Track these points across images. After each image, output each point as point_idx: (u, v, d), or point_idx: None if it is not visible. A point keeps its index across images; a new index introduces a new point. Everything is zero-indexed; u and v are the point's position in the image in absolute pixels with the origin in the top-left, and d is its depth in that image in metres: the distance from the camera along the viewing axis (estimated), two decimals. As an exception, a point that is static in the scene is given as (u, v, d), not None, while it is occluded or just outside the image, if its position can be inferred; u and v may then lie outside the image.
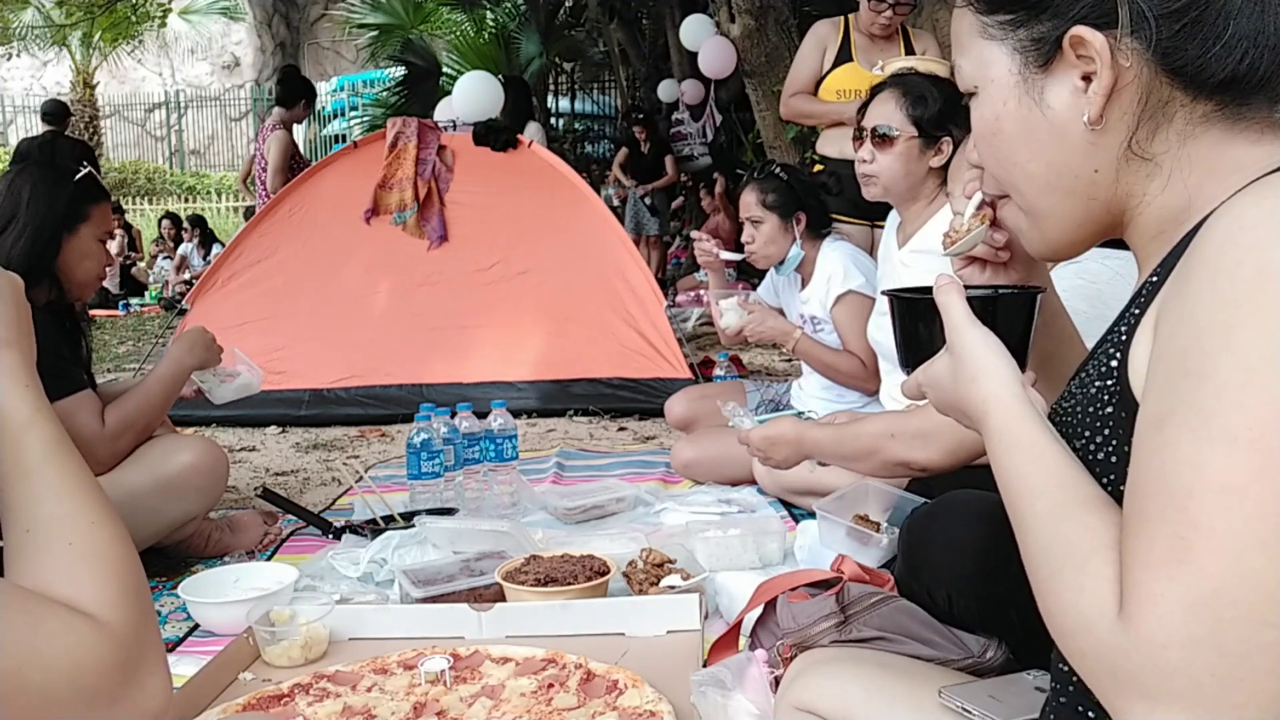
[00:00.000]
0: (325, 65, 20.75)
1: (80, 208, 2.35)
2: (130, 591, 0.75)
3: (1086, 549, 0.75)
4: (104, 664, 0.70)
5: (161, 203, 17.43)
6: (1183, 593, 0.66)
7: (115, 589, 0.74)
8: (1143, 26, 0.80)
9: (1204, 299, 0.71)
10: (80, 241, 2.35)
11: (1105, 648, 0.71)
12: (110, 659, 0.70)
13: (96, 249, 2.39)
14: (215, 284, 4.56)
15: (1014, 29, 0.87)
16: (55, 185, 2.32)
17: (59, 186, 2.33)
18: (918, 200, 2.44)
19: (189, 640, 2.05)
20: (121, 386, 2.52)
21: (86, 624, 0.70)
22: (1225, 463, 0.67)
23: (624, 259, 4.41)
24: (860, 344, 2.81)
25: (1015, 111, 0.88)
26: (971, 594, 1.39)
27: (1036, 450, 0.83)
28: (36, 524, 0.76)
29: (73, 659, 0.68)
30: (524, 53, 10.34)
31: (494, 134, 4.72)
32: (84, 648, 0.69)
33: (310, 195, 4.68)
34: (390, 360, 4.23)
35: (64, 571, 0.73)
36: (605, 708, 1.52)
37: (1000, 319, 0.98)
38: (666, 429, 3.55)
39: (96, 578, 0.74)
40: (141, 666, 0.72)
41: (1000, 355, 0.91)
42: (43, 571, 0.73)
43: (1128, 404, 0.80)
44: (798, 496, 2.72)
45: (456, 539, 2.30)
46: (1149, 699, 0.68)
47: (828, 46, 3.85)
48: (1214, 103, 0.81)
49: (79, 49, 17.26)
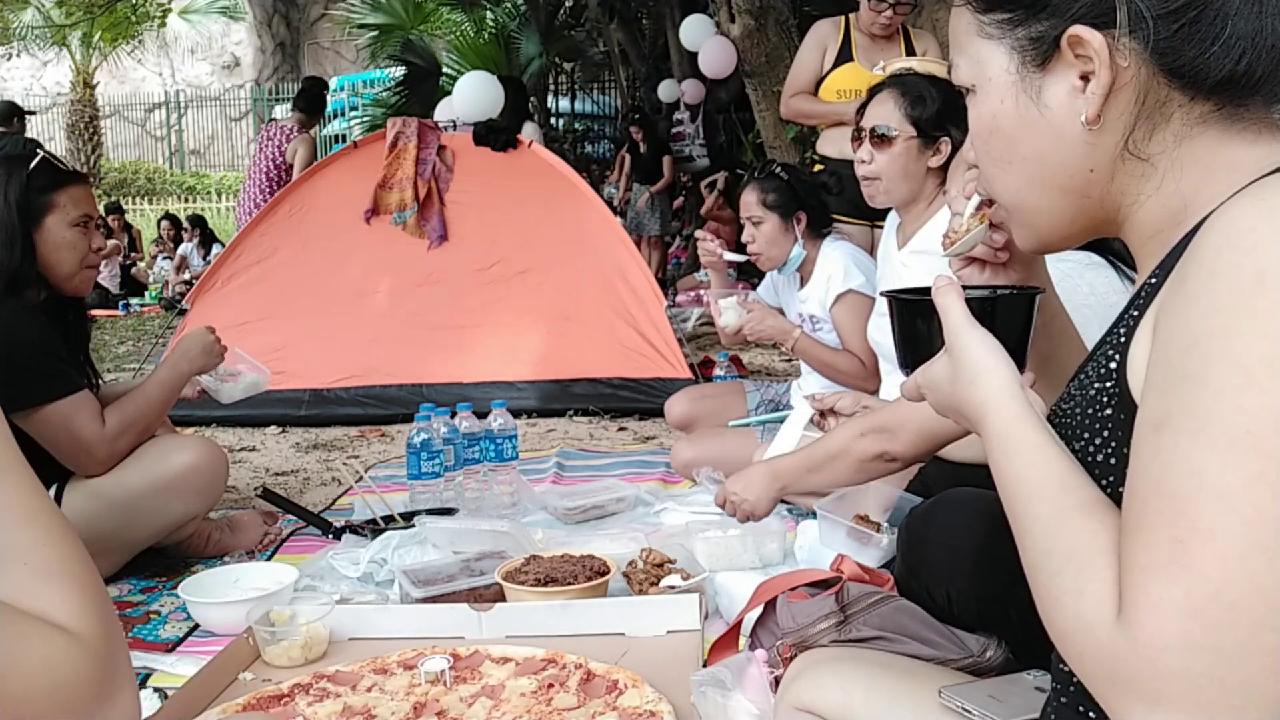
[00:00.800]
0: (325, 65, 20.74)
1: (39, 199, 2.25)
2: (96, 604, 0.74)
3: (1086, 552, 0.75)
4: (81, 676, 0.69)
5: (161, 203, 17.44)
6: (1182, 596, 0.66)
7: (82, 602, 0.73)
8: (1141, 26, 0.80)
9: (1202, 302, 0.71)
10: (50, 233, 2.26)
11: (1104, 651, 0.70)
12: (86, 671, 0.70)
13: (72, 236, 2.28)
14: (215, 284, 4.56)
15: (1011, 28, 0.87)
16: (6, 185, 2.23)
17: (9, 185, 2.23)
18: (917, 201, 2.44)
19: (189, 640, 2.05)
20: (122, 388, 2.52)
21: (63, 636, 0.70)
22: (1224, 466, 0.67)
23: (624, 259, 4.41)
24: (860, 343, 2.81)
25: (1012, 110, 0.88)
26: (971, 593, 1.39)
27: (1036, 452, 0.83)
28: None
29: (51, 671, 0.67)
30: (524, 53, 10.34)
31: (494, 134, 4.72)
32: (61, 660, 0.68)
33: (310, 195, 4.68)
34: (390, 360, 4.23)
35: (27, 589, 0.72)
36: (605, 708, 1.52)
37: (999, 320, 0.98)
38: (666, 429, 3.55)
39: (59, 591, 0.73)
40: (115, 681, 0.72)
41: (999, 357, 0.91)
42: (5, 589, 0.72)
43: (1126, 406, 0.80)
44: (798, 497, 2.71)
45: (456, 539, 2.30)
46: (1148, 702, 0.68)
47: (828, 46, 3.85)
48: (1212, 103, 0.81)
49: (79, 49, 17.27)
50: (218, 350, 2.50)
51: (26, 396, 2.16)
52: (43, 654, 0.68)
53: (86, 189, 2.39)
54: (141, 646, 2.01)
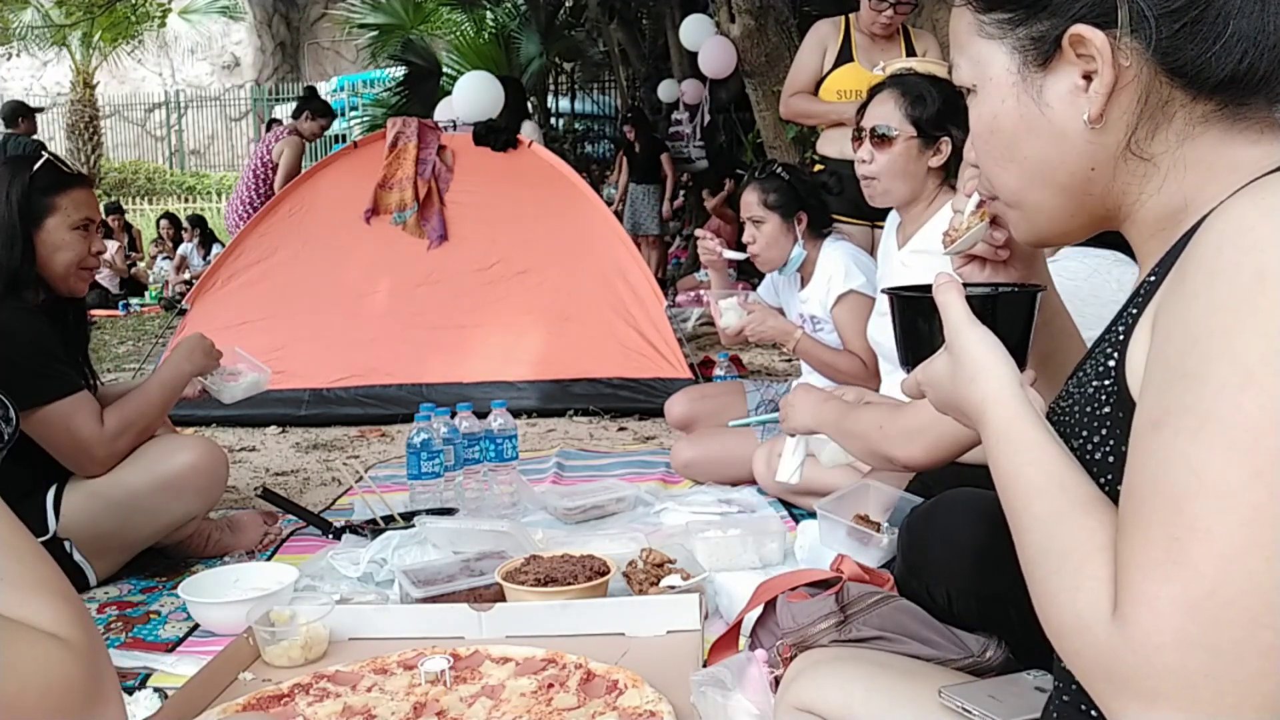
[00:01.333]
0: (325, 65, 20.77)
1: (40, 201, 2.27)
2: (81, 616, 0.75)
3: (1083, 550, 0.75)
4: (72, 681, 0.70)
5: (161, 203, 17.44)
6: (1178, 594, 0.66)
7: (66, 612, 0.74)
8: (1142, 26, 0.80)
9: (1201, 300, 0.71)
10: (50, 235, 2.28)
11: (1100, 648, 0.70)
12: (78, 675, 0.70)
13: (71, 238, 2.30)
14: (215, 284, 4.56)
15: (1012, 27, 0.87)
16: (9, 186, 2.25)
17: (11, 186, 2.25)
18: (917, 201, 2.44)
19: (189, 640, 2.04)
20: (122, 387, 2.52)
21: (53, 641, 0.71)
22: (1222, 464, 0.67)
23: (624, 259, 4.41)
24: (861, 344, 2.81)
25: (1014, 110, 0.88)
26: (971, 593, 1.39)
27: (1035, 450, 0.83)
28: None
29: (44, 677, 0.68)
30: (524, 53, 10.33)
31: (494, 134, 4.72)
32: (54, 665, 0.69)
33: (310, 195, 4.68)
34: (390, 360, 4.23)
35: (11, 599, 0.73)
36: (605, 708, 1.52)
37: (1000, 317, 0.98)
38: (666, 429, 3.55)
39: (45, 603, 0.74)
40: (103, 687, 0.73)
41: (999, 355, 0.91)
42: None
43: (1125, 404, 0.80)
44: (798, 496, 2.72)
45: (456, 539, 2.30)
46: (1143, 699, 0.68)
47: (828, 46, 3.85)
48: (1214, 103, 0.81)
49: (79, 49, 17.27)
50: (215, 352, 2.53)
51: (26, 397, 2.16)
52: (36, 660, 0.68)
53: (89, 192, 2.40)
54: (141, 646, 2.01)
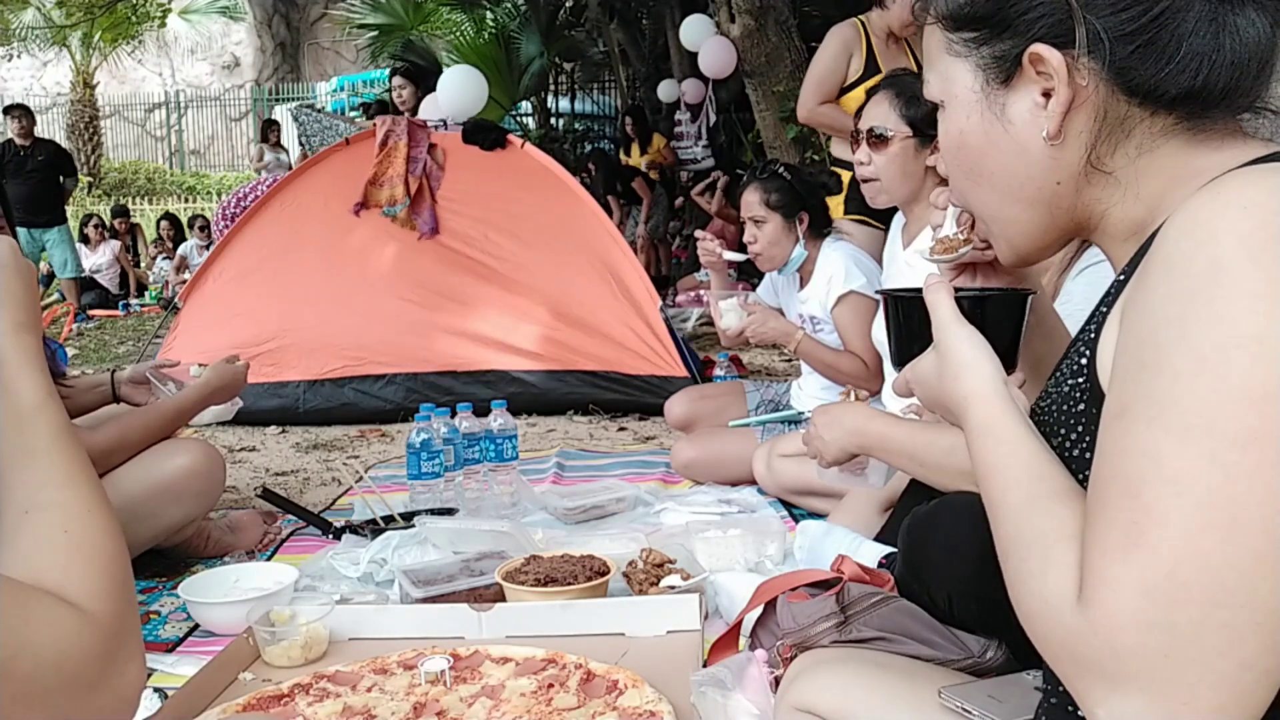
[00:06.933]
0: (325, 65, 20.76)
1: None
2: (117, 583, 0.78)
3: (1053, 537, 0.77)
4: (88, 652, 0.72)
5: (161, 203, 17.42)
6: (1137, 576, 0.68)
7: (103, 580, 0.77)
8: (1098, 47, 0.82)
9: (1160, 292, 0.73)
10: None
11: (1066, 632, 0.72)
12: (94, 648, 0.73)
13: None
14: (208, 279, 4.57)
15: (977, 46, 0.89)
16: None
17: None
18: (919, 200, 2.44)
19: (189, 640, 2.05)
20: (90, 380, 2.53)
21: (73, 615, 0.73)
22: (1178, 450, 0.68)
23: (617, 257, 4.39)
24: (862, 344, 2.81)
25: (979, 126, 0.91)
26: (971, 595, 1.39)
27: (1014, 444, 0.85)
28: (36, 507, 0.78)
29: (59, 649, 0.70)
30: (524, 53, 10.34)
31: (482, 132, 4.70)
32: (70, 638, 0.71)
33: (303, 190, 4.67)
34: (383, 352, 4.23)
35: (58, 559, 0.76)
36: (605, 708, 1.52)
37: (990, 319, 0.99)
38: (666, 429, 3.55)
39: (87, 568, 0.76)
40: (121, 654, 0.75)
41: (983, 352, 0.93)
42: (38, 557, 0.76)
43: (1097, 400, 0.81)
44: (798, 497, 2.72)
45: (456, 539, 2.30)
46: (1107, 681, 0.70)
47: (854, 53, 3.79)
48: (1173, 116, 0.84)
49: (79, 49, 17.28)
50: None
51: None
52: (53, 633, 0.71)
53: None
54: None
